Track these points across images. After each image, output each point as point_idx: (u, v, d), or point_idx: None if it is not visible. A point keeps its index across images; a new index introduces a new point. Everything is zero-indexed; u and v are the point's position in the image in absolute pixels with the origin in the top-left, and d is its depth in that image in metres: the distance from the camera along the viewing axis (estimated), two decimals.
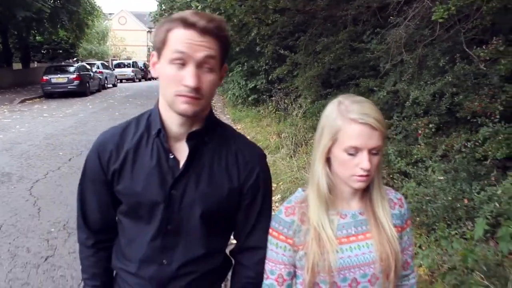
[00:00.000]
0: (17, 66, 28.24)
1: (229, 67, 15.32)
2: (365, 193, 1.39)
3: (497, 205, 3.30)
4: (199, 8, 8.96)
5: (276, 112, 10.74)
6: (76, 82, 19.61)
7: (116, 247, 1.51)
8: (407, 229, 1.43)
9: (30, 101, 18.46)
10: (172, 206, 1.36)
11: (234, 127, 10.01)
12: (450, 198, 3.67)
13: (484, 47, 3.97)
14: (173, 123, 1.33)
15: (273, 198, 5.82)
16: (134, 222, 1.41)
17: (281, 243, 1.39)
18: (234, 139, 1.45)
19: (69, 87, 19.44)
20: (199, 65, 1.21)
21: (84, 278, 1.55)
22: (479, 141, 3.94)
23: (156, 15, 20.69)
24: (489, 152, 3.80)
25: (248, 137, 7.52)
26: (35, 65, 32.23)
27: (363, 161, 1.25)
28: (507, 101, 3.94)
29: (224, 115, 14.21)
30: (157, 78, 1.29)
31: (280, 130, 8.93)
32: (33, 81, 26.52)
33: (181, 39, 1.20)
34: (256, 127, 10.53)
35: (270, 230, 1.42)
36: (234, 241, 1.56)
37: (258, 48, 10.69)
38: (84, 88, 20.33)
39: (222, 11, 8.28)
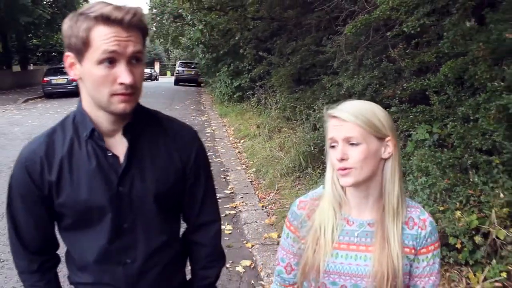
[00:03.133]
0: (15, 68, 29.55)
1: (216, 67, 16.89)
2: (380, 202, 1.34)
3: None
4: (189, 17, 10.37)
5: (258, 107, 12.21)
6: (75, 83, 20.75)
7: (70, 263, 1.45)
8: (427, 254, 1.35)
9: (32, 100, 19.82)
10: (122, 204, 1.32)
11: (221, 121, 11.71)
12: None
13: (393, 50, 5.49)
14: (104, 121, 1.29)
15: (249, 171, 7.37)
16: (85, 231, 1.34)
17: (291, 233, 1.43)
18: (167, 123, 1.44)
19: (68, 87, 20.65)
20: (129, 60, 1.18)
21: None
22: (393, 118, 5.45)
23: (148, 18, 22.00)
24: (400, 126, 5.31)
25: (232, 128, 9.48)
26: (31, 68, 33.47)
27: (337, 151, 1.26)
28: (414, 89, 5.45)
29: (213, 111, 15.70)
30: (78, 80, 1.25)
31: (259, 122, 10.43)
32: (31, 83, 27.80)
33: (108, 37, 1.15)
34: (240, 119, 12.02)
35: (286, 220, 1.46)
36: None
37: (241, 51, 12.19)
38: None
39: (208, 21, 9.77)
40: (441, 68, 4.24)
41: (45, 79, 20.94)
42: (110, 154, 1.31)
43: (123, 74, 1.17)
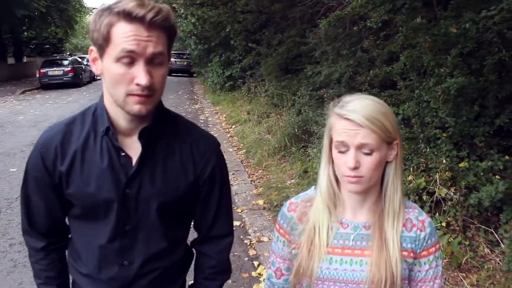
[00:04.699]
0: (10, 61, 30.02)
1: (208, 58, 17.53)
2: (378, 204, 1.29)
3: None
4: (181, 11, 11.01)
5: (248, 95, 12.93)
6: (70, 74, 21.46)
7: (71, 250, 1.45)
8: (429, 257, 1.29)
9: (30, 92, 20.37)
10: (127, 206, 1.31)
11: (213, 109, 12.54)
12: None
13: (366, 41, 6.22)
14: (121, 119, 1.27)
15: (240, 152, 8.11)
16: (90, 224, 1.35)
17: (281, 237, 1.38)
18: (187, 130, 1.40)
19: (64, 78, 21.29)
20: (149, 61, 1.15)
21: (38, 283, 1.47)
22: None
23: None
24: None
25: (224, 115, 10.37)
26: (25, 60, 33.91)
27: (349, 159, 1.18)
28: (384, 76, 6.18)
29: (205, 100, 16.39)
30: (100, 74, 1.22)
31: (249, 108, 11.17)
32: (26, 75, 28.30)
33: (127, 36, 1.11)
34: (232, 107, 12.77)
35: (276, 224, 1.42)
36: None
37: (232, 42, 12.86)
38: (78, 79, 22.17)
39: (200, 15, 10.42)
40: (400, 57, 4.98)
41: (41, 70, 21.47)
42: (123, 154, 1.29)
43: (140, 74, 1.13)
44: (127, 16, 1.11)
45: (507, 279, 3.07)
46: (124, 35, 1.11)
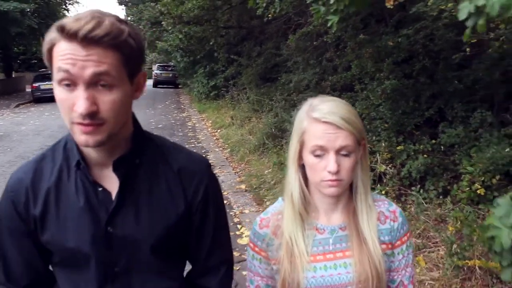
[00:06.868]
0: (0, 76, 30.87)
1: (193, 70, 18.70)
2: (349, 203, 1.28)
3: None
4: (169, 28, 12.15)
5: (231, 102, 14.13)
6: None
7: None
8: (402, 246, 1.30)
9: (24, 105, 21.30)
10: (113, 246, 1.16)
11: (200, 116, 13.95)
12: None
13: (328, 52, 7.46)
14: (90, 151, 1.11)
15: (225, 151, 9.29)
16: (74, 272, 1.19)
17: (256, 255, 1.34)
18: (172, 153, 1.24)
19: None
20: (92, 84, 0.97)
21: None
22: None
23: None
24: None
25: (210, 121, 11.86)
26: (13, 75, 34.73)
27: (330, 163, 1.16)
28: (344, 80, 7.39)
29: (192, 108, 17.51)
30: None
31: (233, 114, 12.36)
32: (16, 89, 29.12)
33: (63, 54, 0.96)
34: (217, 114, 13.92)
35: (248, 241, 1.38)
36: None
37: (216, 54, 14.08)
38: None
39: (187, 32, 11.61)
40: (352, 66, 6.21)
41: (34, 85, 22.39)
42: (100, 189, 1.14)
43: (78, 100, 0.96)
44: (62, 32, 0.96)
45: (417, 221, 4.27)
46: (60, 54, 0.97)
